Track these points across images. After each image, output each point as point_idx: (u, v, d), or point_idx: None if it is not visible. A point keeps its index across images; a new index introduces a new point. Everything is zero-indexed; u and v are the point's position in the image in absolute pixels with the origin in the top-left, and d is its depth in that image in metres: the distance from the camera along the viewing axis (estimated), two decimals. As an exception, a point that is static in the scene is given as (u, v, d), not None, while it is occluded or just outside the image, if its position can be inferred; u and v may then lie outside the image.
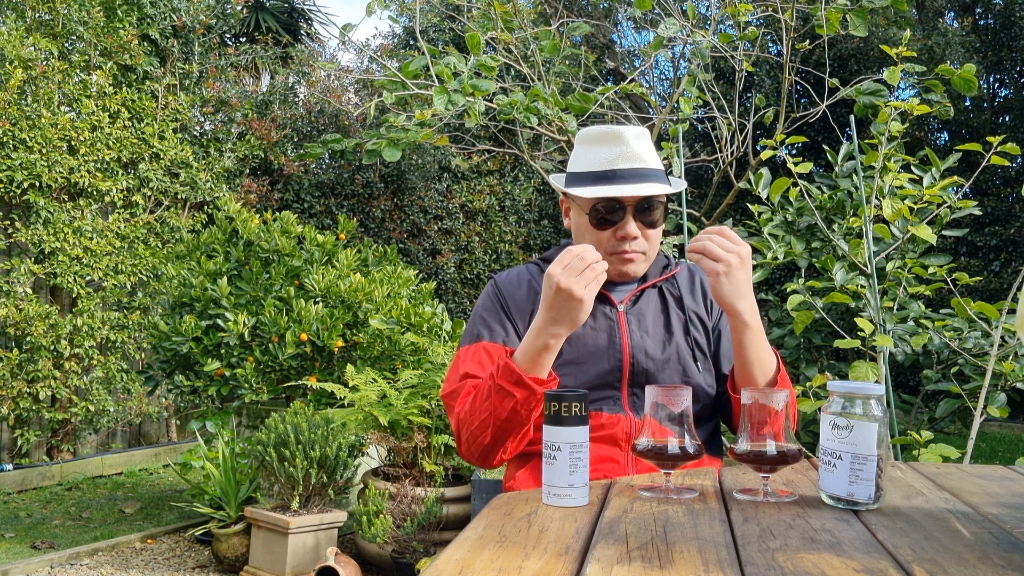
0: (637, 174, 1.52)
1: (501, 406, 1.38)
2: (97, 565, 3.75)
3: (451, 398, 1.55)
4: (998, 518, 1.03)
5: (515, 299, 1.61)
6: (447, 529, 3.49)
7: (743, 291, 1.40)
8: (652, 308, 1.61)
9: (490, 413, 1.40)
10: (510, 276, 1.67)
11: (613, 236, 1.54)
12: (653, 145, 1.61)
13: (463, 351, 1.59)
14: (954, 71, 2.96)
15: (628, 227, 1.53)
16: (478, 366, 1.53)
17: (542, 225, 8.26)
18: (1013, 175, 7.91)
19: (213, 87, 6.46)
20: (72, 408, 5.27)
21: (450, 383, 1.58)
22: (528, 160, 4.28)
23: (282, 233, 4.58)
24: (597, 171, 1.54)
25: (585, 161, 1.57)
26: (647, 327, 1.58)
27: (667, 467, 1.16)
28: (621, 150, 1.53)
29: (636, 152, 1.53)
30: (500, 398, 1.38)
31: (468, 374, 1.53)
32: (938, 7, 8.99)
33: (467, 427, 1.46)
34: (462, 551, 0.89)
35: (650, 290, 1.63)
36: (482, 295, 1.68)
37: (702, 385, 1.56)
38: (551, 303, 1.36)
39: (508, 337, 1.57)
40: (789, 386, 1.54)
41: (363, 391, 3.62)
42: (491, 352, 1.54)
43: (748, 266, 1.41)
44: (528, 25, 3.87)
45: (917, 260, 2.80)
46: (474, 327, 1.61)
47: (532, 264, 1.69)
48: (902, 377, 6.21)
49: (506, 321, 1.59)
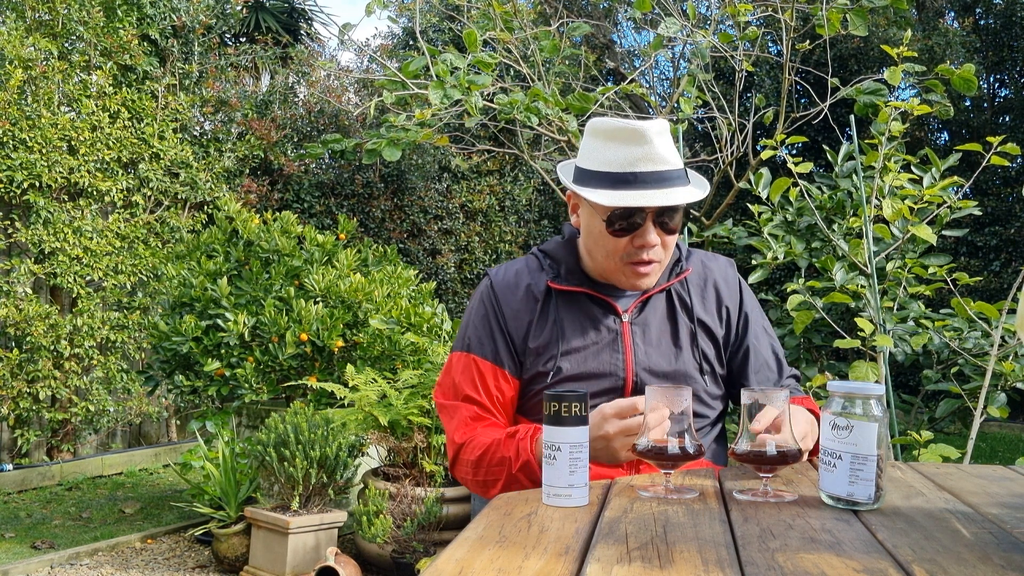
0: (661, 178, 1.39)
1: (513, 484, 1.37)
2: (97, 565, 3.75)
3: (446, 413, 1.52)
4: (998, 518, 1.03)
5: (511, 306, 1.52)
6: (447, 529, 3.49)
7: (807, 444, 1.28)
8: (658, 316, 1.51)
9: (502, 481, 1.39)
10: (507, 277, 1.56)
11: (630, 243, 1.43)
12: (671, 137, 1.48)
13: (456, 357, 1.55)
14: (954, 71, 2.96)
15: (648, 236, 1.41)
16: (472, 387, 1.50)
17: (542, 225, 8.26)
18: (1013, 175, 7.91)
19: (213, 87, 6.46)
20: (72, 408, 5.27)
21: (445, 393, 1.55)
22: (528, 160, 4.28)
23: (282, 233, 4.58)
24: (616, 172, 1.39)
25: (601, 158, 1.42)
26: (652, 339, 1.49)
27: (667, 467, 1.16)
28: (644, 150, 1.39)
29: (660, 153, 1.39)
30: (514, 481, 1.37)
31: (468, 396, 1.50)
32: (938, 7, 8.99)
33: (470, 470, 1.45)
34: (462, 551, 0.89)
35: (657, 295, 1.53)
36: (477, 295, 1.59)
37: (707, 399, 1.50)
38: (593, 443, 1.24)
39: (499, 355, 1.50)
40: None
41: (363, 391, 3.62)
42: (484, 373, 1.50)
43: (812, 434, 1.30)
44: (528, 25, 3.87)
45: (917, 260, 2.80)
46: (465, 333, 1.56)
47: (532, 257, 1.59)
48: (902, 377, 6.21)
49: (498, 334, 1.51)
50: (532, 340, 1.50)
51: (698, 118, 4.35)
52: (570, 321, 1.50)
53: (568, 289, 1.51)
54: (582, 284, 1.52)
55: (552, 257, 1.56)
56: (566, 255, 1.55)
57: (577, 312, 1.50)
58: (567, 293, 1.52)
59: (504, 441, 1.40)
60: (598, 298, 1.51)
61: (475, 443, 1.45)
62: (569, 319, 1.50)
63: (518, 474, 1.36)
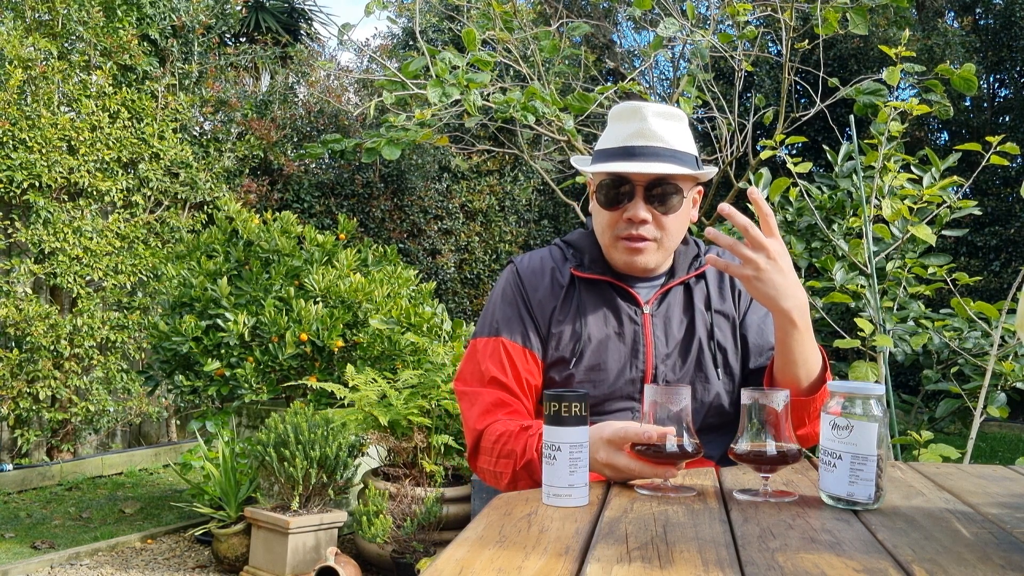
0: (650, 152, 1.42)
1: (518, 481, 1.37)
2: (97, 565, 3.75)
3: (467, 400, 1.49)
4: (998, 518, 1.03)
5: (537, 294, 1.52)
6: (447, 529, 3.49)
7: (782, 290, 1.29)
8: (678, 309, 1.52)
9: (508, 476, 1.39)
10: (532, 264, 1.56)
11: (622, 218, 1.45)
12: (685, 127, 1.49)
13: (481, 343, 1.52)
14: (954, 71, 2.96)
15: (636, 209, 1.43)
16: (500, 369, 1.47)
17: (542, 225, 8.26)
18: (1013, 175, 7.91)
19: (213, 87, 6.46)
20: (72, 408, 5.27)
21: (466, 380, 1.52)
22: (528, 160, 4.28)
23: (282, 233, 4.58)
24: (612, 148, 1.46)
25: (606, 137, 1.48)
26: (672, 332, 1.50)
27: (666, 465, 1.16)
28: (638, 127, 1.44)
29: (653, 129, 1.43)
30: (518, 478, 1.37)
31: (494, 379, 1.47)
32: (938, 7, 8.99)
33: (488, 459, 1.43)
34: (462, 551, 0.89)
35: (677, 287, 1.53)
36: (501, 281, 1.59)
37: (721, 394, 1.49)
38: (592, 452, 1.20)
39: (528, 337, 1.49)
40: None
41: (363, 391, 3.62)
42: (512, 355, 1.48)
43: (782, 261, 1.29)
44: (527, 25, 3.87)
45: (917, 260, 2.79)
46: (492, 318, 1.54)
47: (555, 247, 1.59)
48: (902, 377, 6.22)
49: (526, 316, 1.51)
50: (555, 326, 1.50)
51: (698, 118, 4.34)
52: (593, 309, 1.50)
53: (591, 277, 1.52)
54: (605, 273, 1.52)
55: (575, 247, 1.57)
56: (589, 245, 1.56)
57: (599, 300, 1.51)
58: (590, 281, 1.53)
59: (517, 433, 1.39)
60: (620, 288, 1.51)
61: (491, 430, 1.43)
62: (592, 307, 1.50)
63: (520, 471, 1.35)
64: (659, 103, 1.57)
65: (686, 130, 1.49)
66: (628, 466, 1.19)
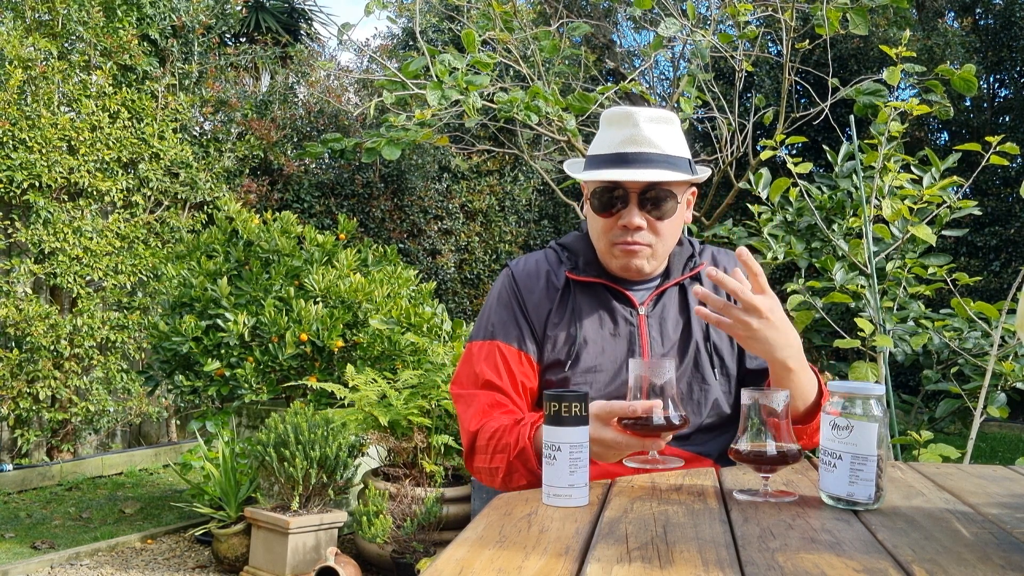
0: (643, 159, 1.42)
1: (514, 474, 1.37)
2: (97, 565, 3.75)
3: (463, 403, 1.50)
4: (998, 518, 1.03)
5: (532, 297, 1.53)
6: (447, 529, 3.49)
7: (776, 344, 1.27)
8: (674, 310, 1.53)
9: (503, 470, 1.38)
10: (528, 267, 1.57)
11: (616, 224, 1.45)
12: (677, 130, 1.49)
13: (476, 347, 1.53)
14: (954, 71, 2.96)
15: (630, 216, 1.43)
16: (495, 372, 1.48)
17: (542, 225, 8.26)
18: (1013, 175, 7.91)
19: (213, 87, 6.46)
20: (72, 408, 5.27)
21: (462, 383, 1.52)
22: (528, 160, 4.28)
23: (282, 233, 4.58)
24: (603, 154, 1.46)
25: (599, 143, 1.49)
26: (668, 332, 1.50)
27: (653, 438, 1.18)
28: (630, 133, 1.44)
29: (646, 135, 1.43)
30: (513, 469, 1.37)
31: (488, 383, 1.47)
32: (938, 7, 8.99)
33: (481, 457, 1.43)
34: (462, 551, 0.89)
35: (672, 289, 1.54)
36: (497, 285, 1.59)
37: (719, 395, 1.49)
38: (592, 440, 1.17)
39: (524, 340, 1.50)
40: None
41: (363, 391, 3.62)
42: (507, 358, 1.49)
43: (775, 315, 1.26)
44: (528, 25, 3.87)
45: (917, 260, 2.79)
46: (488, 322, 1.54)
47: (550, 250, 1.60)
48: (902, 377, 6.22)
49: (522, 320, 1.52)
50: (551, 328, 1.51)
51: (698, 118, 4.35)
52: (588, 311, 1.51)
53: (586, 280, 1.53)
54: (600, 275, 1.53)
55: (570, 250, 1.58)
56: (584, 247, 1.57)
57: (595, 303, 1.52)
58: (585, 284, 1.53)
59: (510, 427, 1.39)
60: (615, 290, 1.52)
61: (486, 428, 1.43)
62: (587, 309, 1.51)
63: (515, 461, 1.35)
64: (650, 107, 1.57)
65: (679, 133, 1.50)
66: (615, 439, 1.20)
